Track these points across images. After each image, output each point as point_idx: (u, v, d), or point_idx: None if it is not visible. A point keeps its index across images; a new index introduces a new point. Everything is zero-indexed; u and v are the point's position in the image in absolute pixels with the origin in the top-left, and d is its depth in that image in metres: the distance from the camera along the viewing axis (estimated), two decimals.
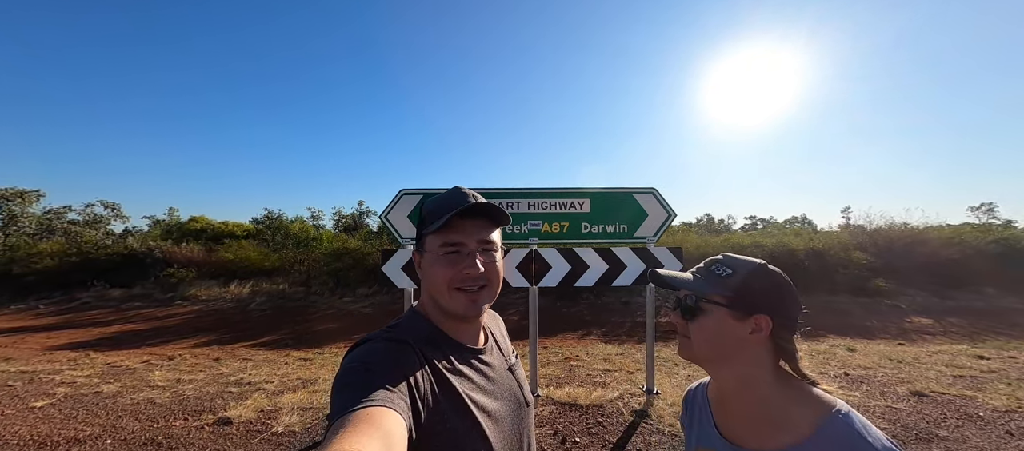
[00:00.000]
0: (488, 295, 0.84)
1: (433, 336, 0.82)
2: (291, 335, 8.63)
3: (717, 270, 0.80)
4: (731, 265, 0.80)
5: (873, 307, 10.20)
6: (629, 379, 4.64)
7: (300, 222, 21.56)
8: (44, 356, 6.61)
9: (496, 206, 0.84)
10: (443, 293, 0.81)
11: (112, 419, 3.64)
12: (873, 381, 4.52)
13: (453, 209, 0.79)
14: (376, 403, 0.61)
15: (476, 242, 0.82)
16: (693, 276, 0.82)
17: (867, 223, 14.87)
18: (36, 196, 21.09)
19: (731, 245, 13.23)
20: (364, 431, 0.54)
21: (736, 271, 0.79)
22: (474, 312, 0.82)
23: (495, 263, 0.85)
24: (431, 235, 0.82)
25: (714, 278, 0.79)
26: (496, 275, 0.85)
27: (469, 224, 0.82)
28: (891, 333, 8.05)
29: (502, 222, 0.87)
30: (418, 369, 0.72)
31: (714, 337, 0.78)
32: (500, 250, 0.88)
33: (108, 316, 11.09)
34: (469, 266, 0.80)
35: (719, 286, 0.78)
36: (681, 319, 0.81)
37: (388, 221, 3.77)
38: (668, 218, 3.81)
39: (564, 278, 3.68)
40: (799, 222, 31.92)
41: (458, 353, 0.82)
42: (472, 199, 0.81)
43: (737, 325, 0.76)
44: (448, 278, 0.80)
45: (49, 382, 4.85)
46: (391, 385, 0.66)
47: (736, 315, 0.76)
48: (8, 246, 17.66)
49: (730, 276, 0.78)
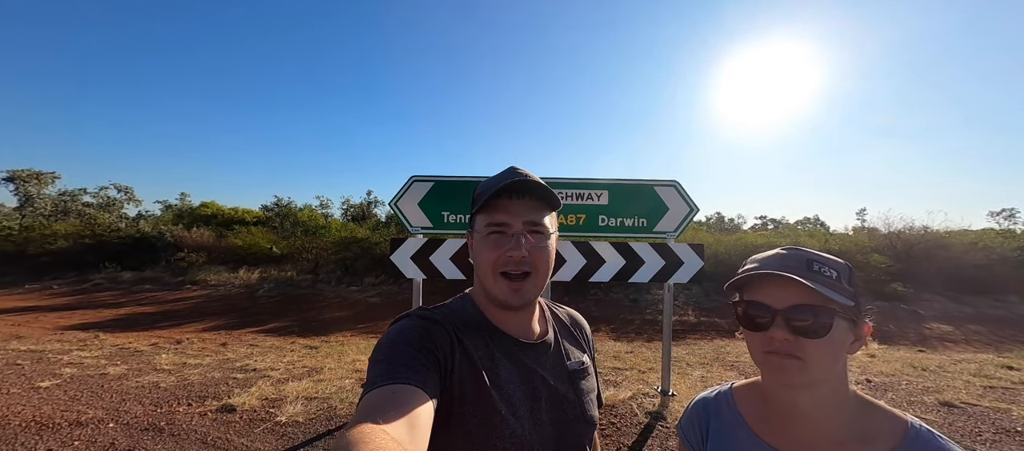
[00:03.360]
0: (532, 285, 0.77)
1: (476, 321, 0.79)
2: (298, 322, 8.61)
3: (825, 272, 0.65)
4: (828, 263, 0.67)
5: (890, 312, 9.93)
6: (641, 379, 4.50)
7: (309, 210, 21.62)
8: (55, 336, 6.64)
9: (545, 186, 0.77)
10: (488, 277, 0.77)
11: (116, 402, 3.60)
12: (898, 389, 4.33)
13: (500, 186, 0.75)
14: (401, 381, 0.62)
15: (523, 223, 0.76)
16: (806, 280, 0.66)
17: (885, 225, 14.46)
18: (52, 178, 21.40)
19: (745, 245, 12.94)
20: (387, 411, 0.55)
21: (838, 270, 0.67)
22: (516, 300, 0.76)
23: (544, 249, 0.78)
24: (479, 215, 0.79)
25: (829, 282, 0.65)
26: (544, 262, 0.78)
27: (516, 204, 0.76)
28: (910, 339, 7.81)
29: (554, 204, 0.81)
30: (447, 349, 0.72)
31: (836, 355, 0.64)
32: (552, 236, 0.81)
33: (119, 298, 11.20)
34: (513, 248, 0.74)
35: (841, 291, 0.64)
36: (792, 336, 0.64)
37: (398, 208, 3.64)
38: (690, 213, 3.64)
39: (579, 272, 3.53)
40: (812, 223, 31.31)
41: (499, 342, 0.78)
42: (521, 176, 0.75)
43: (848, 336, 0.65)
44: (492, 261, 0.76)
45: (57, 362, 4.84)
46: (418, 362, 0.66)
47: (851, 325, 0.65)
48: (24, 226, 17.96)
49: (837, 278, 0.65)
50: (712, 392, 0.83)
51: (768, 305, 0.66)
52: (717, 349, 6.21)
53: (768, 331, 0.66)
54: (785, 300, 0.65)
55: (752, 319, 0.68)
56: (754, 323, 0.68)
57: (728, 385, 0.83)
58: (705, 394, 0.84)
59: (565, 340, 0.88)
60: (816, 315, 0.63)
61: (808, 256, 0.67)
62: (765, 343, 0.66)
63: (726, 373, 4.89)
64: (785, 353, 0.64)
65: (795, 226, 29.73)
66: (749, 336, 0.70)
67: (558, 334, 0.87)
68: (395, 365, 0.65)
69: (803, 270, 0.66)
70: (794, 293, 0.64)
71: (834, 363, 0.65)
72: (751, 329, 0.69)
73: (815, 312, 0.63)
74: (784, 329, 0.64)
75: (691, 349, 6.18)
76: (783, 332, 0.64)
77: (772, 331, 0.65)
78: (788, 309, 0.64)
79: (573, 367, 0.84)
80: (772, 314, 0.65)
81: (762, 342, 0.67)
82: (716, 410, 0.79)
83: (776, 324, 0.65)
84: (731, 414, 0.76)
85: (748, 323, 0.69)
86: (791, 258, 0.68)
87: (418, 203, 3.62)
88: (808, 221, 32.39)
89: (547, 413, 0.76)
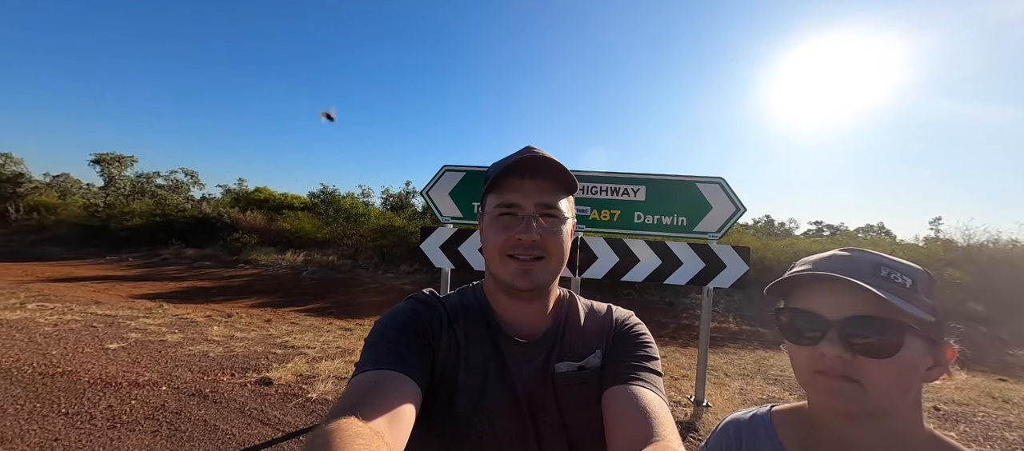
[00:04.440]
0: (543, 269, 0.71)
1: (476, 308, 0.76)
2: (336, 304, 9.00)
3: (896, 278, 0.53)
4: (902, 269, 0.54)
5: (966, 334, 8.76)
6: (674, 386, 4.29)
7: (351, 198, 22.56)
8: (126, 303, 7.35)
9: (561, 165, 0.71)
10: (495, 259, 0.72)
11: (170, 367, 3.90)
12: (972, 421, 3.85)
13: (511, 163, 0.70)
14: (385, 366, 0.62)
15: (535, 205, 0.70)
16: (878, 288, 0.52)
17: (964, 237, 12.93)
18: (131, 161, 23.75)
19: (796, 251, 12.04)
20: (369, 399, 0.55)
21: (914, 279, 0.54)
22: (524, 283, 0.69)
23: (558, 233, 0.71)
24: (490, 195, 0.74)
25: (901, 290, 0.52)
26: (557, 247, 0.71)
27: (529, 184, 0.71)
28: (990, 365, 6.94)
29: (571, 187, 0.75)
30: (436, 332, 0.71)
31: (908, 381, 0.52)
32: (568, 221, 0.74)
33: (182, 272, 12.23)
34: (523, 230, 0.68)
35: (916, 303, 0.51)
36: (849, 354, 0.52)
37: (429, 198, 3.66)
38: (736, 213, 3.38)
39: (611, 270, 3.39)
40: (875, 231, 28.64)
41: (495, 335, 0.73)
42: (535, 154, 0.70)
43: (925, 359, 0.52)
44: (500, 243, 0.71)
45: (125, 327, 5.34)
46: (406, 347, 0.66)
47: (930, 346, 0.52)
48: (107, 203, 20.06)
49: (913, 286, 0.52)
50: (747, 414, 0.71)
51: (820, 315, 0.54)
52: (759, 361, 5.81)
53: (818, 346, 0.54)
54: (842, 310, 0.53)
55: (799, 331, 0.56)
56: (801, 336, 0.56)
57: (767, 407, 0.70)
58: (738, 415, 0.72)
59: (575, 341, 0.76)
60: (882, 330, 0.51)
61: (876, 259, 0.55)
62: (814, 361, 0.54)
63: (768, 388, 4.56)
64: (839, 374, 0.52)
65: (855, 233, 27.31)
66: (794, 351, 0.58)
67: (565, 332, 0.76)
68: (381, 350, 0.64)
69: (868, 275, 0.53)
70: (855, 302, 0.52)
71: (903, 392, 0.52)
72: (796, 342, 0.57)
73: (881, 326, 0.51)
74: (839, 345, 0.52)
75: (730, 359, 5.83)
76: (837, 348, 0.52)
77: (823, 346, 0.53)
78: (845, 321, 0.52)
79: (563, 371, 0.72)
80: (825, 326, 0.53)
81: (811, 359, 0.55)
82: (751, 436, 0.67)
83: (829, 338, 0.53)
84: (768, 442, 0.64)
85: (793, 335, 0.57)
86: (855, 260, 0.55)
87: (449, 193, 3.61)
88: (871, 229, 29.68)
89: (530, 419, 0.69)
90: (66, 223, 18.56)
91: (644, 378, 0.67)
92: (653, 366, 0.71)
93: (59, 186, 27.00)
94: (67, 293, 7.74)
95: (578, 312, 0.79)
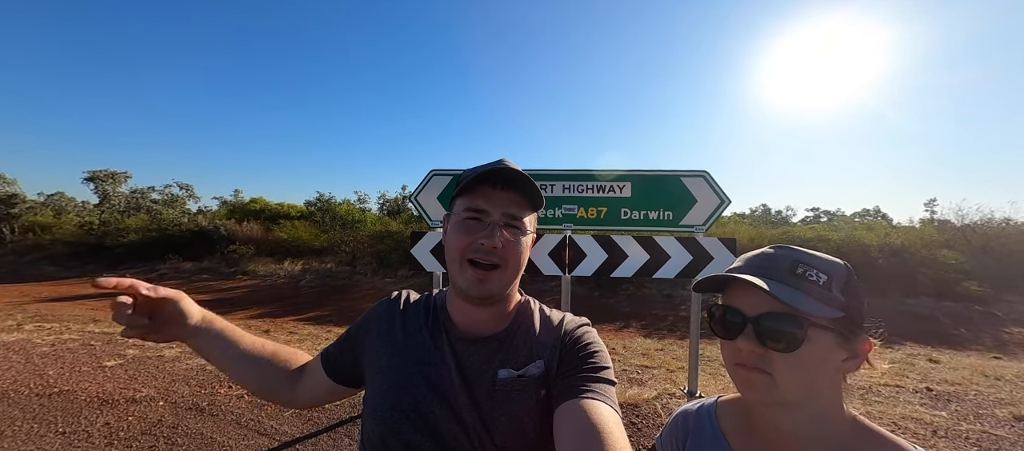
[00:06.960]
0: (499, 278, 0.73)
1: (432, 309, 0.82)
2: (335, 312, 9.02)
3: (809, 274, 0.56)
4: (818, 266, 0.57)
5: (962, 313, 8.96)
6: (669, 378, 4.33)
7: (347, 204, 22.55)
8: None
9: (530, 180, 0.74)
10: (455, 262, 0.75)
11: (167, 382, 3.92)
12: (964, 400, 3.89)
13: (484, 171, 0.73)
14: (321, 354, 0.91)
15: (502, 214, 0.73)
16: (778, 284, 0.56)
17: (958, 217, 13.02)
18: (124, 177, 23.66)
19: (791, 238, 12.10)
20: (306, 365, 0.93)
21: (830, 275, 0.56)
22: (478, 291, 0.72)
23: (518, 244, 0.74)
24: (460, 198, 0.77)
25: (813, 287, 0.55)
26: (516, 257, 0.74)
27: (499, 194, 0.74)
28: (985, 344, 7.01)
29: (536, 202, 0.78)
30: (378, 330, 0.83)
31: (815, 373, 0.55)
32: (530, 234, 0.78)
33: (180, 286, 12.07)
34: (486, 236, 0.71)
35: (824, 300, 0.54)
36: (761, 348, 0.56)
37: (418, 202, 3.69)
38: (720, 205, 3.41)
39: (599, 268, 3.42)
40: (871, 215, 28.73)
41: (444, 332, 0.78)
42: (508, 168, 0.73)
43: (838, 352, 0.55)
44: (463, 246, 0.73)
45: (123, 343, 5.33)
46: (340, 347, 0.89)
47: (841, 340, 0.55)
48: (102, 221, 20.01)
49: (827, 283, 0.55)
50: (695, 405, 0.75)
51: (741, 311, 0.58)
52: None
53: (736, 341, 0.58)
54: (758, 307, 0.56)
55: (725, 326, 0.60)
56: (726, 330, 0.60)
57: (715, 398, 0.74)
58: (688, 406, 0.76)
59: (522, 348, 0.76)
60: (787, 326, 0.54)
61: (795, 257, 0.58)
62: (734, 354, 0.58)
63: None
64: (753, 367, 0.56)
65: (851, 218, 27.38)
66: (722, 345, 0.62)
67: (513, 338, 0.77)
68: (331, 344, 0.91)
69: (784, 273, 0.56)
70: (768, 299, 0.55)
71: (813, 382, 0.55)
72: (722, 336, 0.61)
73: (786, 322, 0.54)
74: (754, 340, 0.56)
75: None
76: (751, 343, 0.56)
77: (740, 341, 0.57)
78: (759, 317, 0.56)
79: (503, 377, 0.72)
80: (744, 322, 0.57)
81: (732, 353, 0.59)
82: (696, 424, 0.71)
83: (745, 333, 0.57)
84: (711, 430, 0.68)
85: (720, 330, 0.61)
86: (775, 259, 0.59)
87: (437, 197, 3.64)
88: (867, 213, 29.75)
89: (470, 419, 0.70)
90: (62, 242, 18.49)
91: (594, 390, 0.67)
92: (604, 376, 0.72)
93: (54, 205, 26.89)
94: (65, 312, 7.74)
95: (533, 319, 0.80)
